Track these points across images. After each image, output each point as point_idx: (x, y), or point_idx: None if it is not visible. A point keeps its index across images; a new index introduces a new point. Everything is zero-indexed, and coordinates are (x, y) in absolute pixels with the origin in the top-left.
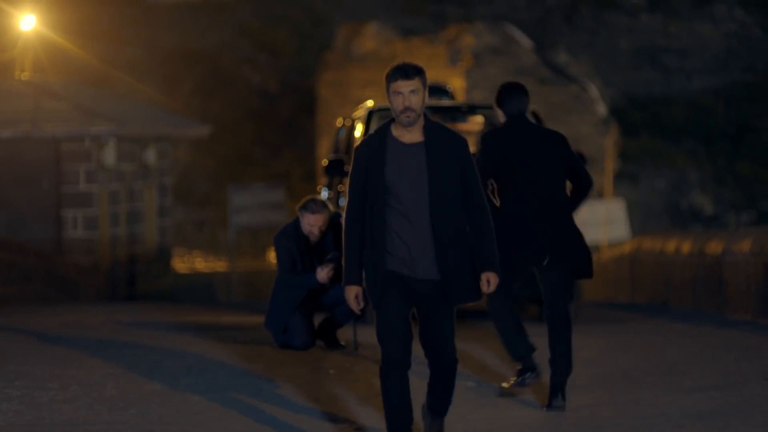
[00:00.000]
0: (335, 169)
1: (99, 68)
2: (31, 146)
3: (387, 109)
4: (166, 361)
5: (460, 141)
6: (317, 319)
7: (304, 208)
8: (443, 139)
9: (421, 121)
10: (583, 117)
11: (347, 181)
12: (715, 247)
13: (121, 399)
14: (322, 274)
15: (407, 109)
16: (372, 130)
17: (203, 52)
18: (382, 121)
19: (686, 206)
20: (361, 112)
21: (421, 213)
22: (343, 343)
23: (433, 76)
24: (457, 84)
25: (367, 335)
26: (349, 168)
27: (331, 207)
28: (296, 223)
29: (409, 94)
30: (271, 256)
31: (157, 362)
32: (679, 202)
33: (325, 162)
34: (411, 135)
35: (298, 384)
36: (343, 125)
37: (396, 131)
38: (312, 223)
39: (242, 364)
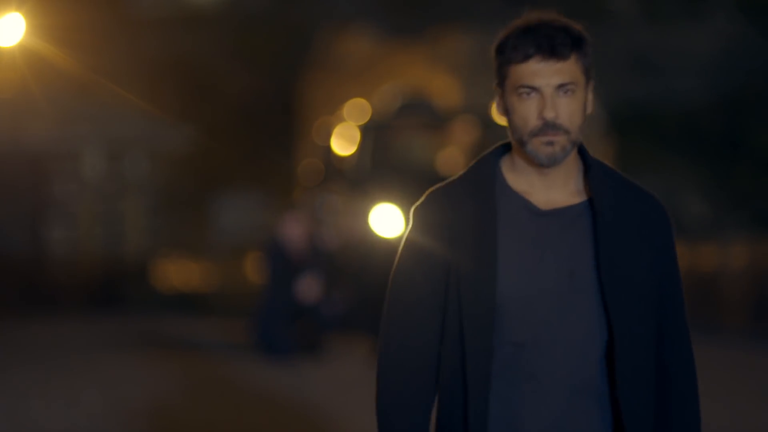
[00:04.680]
0: (317, 178)
1: (82, 78)
2: (11, 157)
3: (385, 127)
4: (150, 372)
5: (658, 211)
6: (302, 327)
7: (281, 214)
8: (627, 202)
9: (574, 159)
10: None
11: (335, 191)
12: (708, 257)
13: (104, 412)
14: (306, 288)
15: (550, 126)
16: (367, 149)
17: (186, 61)
18: (377, 140)
19: (680, 215)
20: (343, 119)
21: (575, 369)
22: (325, 350)
23: (417, 79)
24: (444, 89)
25: (351, 341)
26: (332, 176)
27: (308, 215)
28: (278, 239)
29: (555, 93)
30: (255, 269)
31: (141, 376)
32: (673, 211)
33: (309, 170)
34: (556, 189)
35: (284, 394)
36: (328, 133)
37: (517, 179)
38: (291, 226)
39: (227, 373)
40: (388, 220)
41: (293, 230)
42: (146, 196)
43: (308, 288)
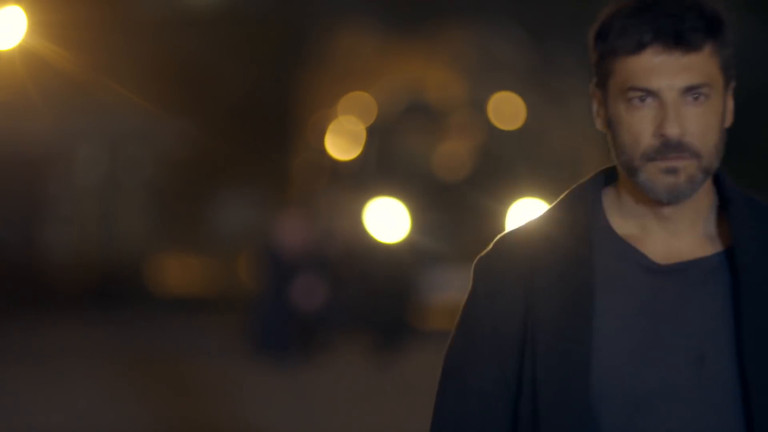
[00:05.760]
0: (315, 177)
1: (79, 76)
2: (7, 160)
3: (390, 129)
4: (147, 376)
5: None
6: (302, 327)
7: (279, 216)
8: None
9: (707, 194)
10: (584, 120)
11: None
12: None
13: (102, 414)
14: (304, 294)
15: (672, 146)
16: (371, 150)
17: (184, 59)
18: (381, 142)
19: None
20: (339, 115)
21: None
22: (325, 351)
23: (417, 74)
24: (444, 82)
25: (347, 341)
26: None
27: (309, 215)
28: (275, 239)
29: (681, 99)
30: (251, 269)
31: (138, 377)
32: None
33: (308, 168)
34: (680, 235)
35: (283, 393)
36: (322, 132)
37: (625, 221)
38: (289, 228)
39: (226, 374)
40: (389, 221)
41: (290, 231)
42: (143, 196)
43: (306, 289)
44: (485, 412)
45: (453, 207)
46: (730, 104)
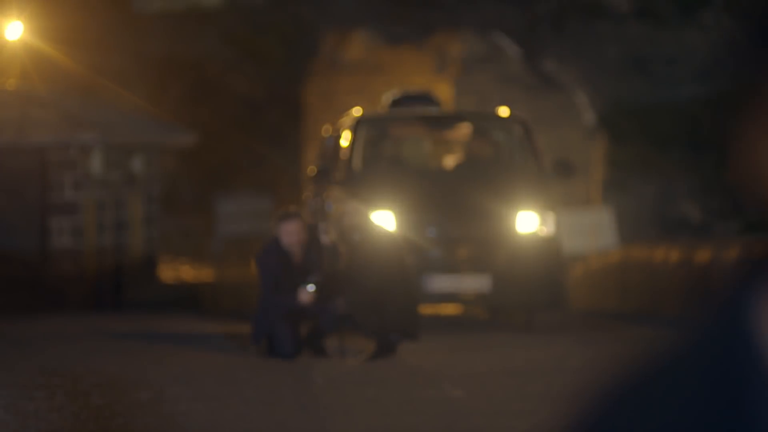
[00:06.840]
0: (322, 178)
1: (85, 76)
2: (16, 155)
3: (377, 120)
4: (152, 370)
5: None
6: (303, 328)
7: (279, 219)
8: None
9: None
10: (571, 125)
11: (333, 190)
12: (703, 255)
13: (107, 408)
14: (305, 297)
15: None
16: (360, 143)
17: (190, 61)
18: (370, 135)
19: (674, 214)
20: (347, 120)
21: None
22: (329, 351)
23: (420, 83)
24: (444, 91)
25: (351, 341)
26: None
27: (308, 216)
28: (277, 242)
29: None
30: (254, 270)
31: (144, 371)
32: (667, 211)
33: (312, 171)
34: None
35: (286, 393)
36: (330, 134)
37: None
38: (290, 231)
39: (229, 373)
40: (384, 218)
41: (291, 233)
42: (151, 195)
43: (306, 294)
44: None
45: (451, 206)
46: None
